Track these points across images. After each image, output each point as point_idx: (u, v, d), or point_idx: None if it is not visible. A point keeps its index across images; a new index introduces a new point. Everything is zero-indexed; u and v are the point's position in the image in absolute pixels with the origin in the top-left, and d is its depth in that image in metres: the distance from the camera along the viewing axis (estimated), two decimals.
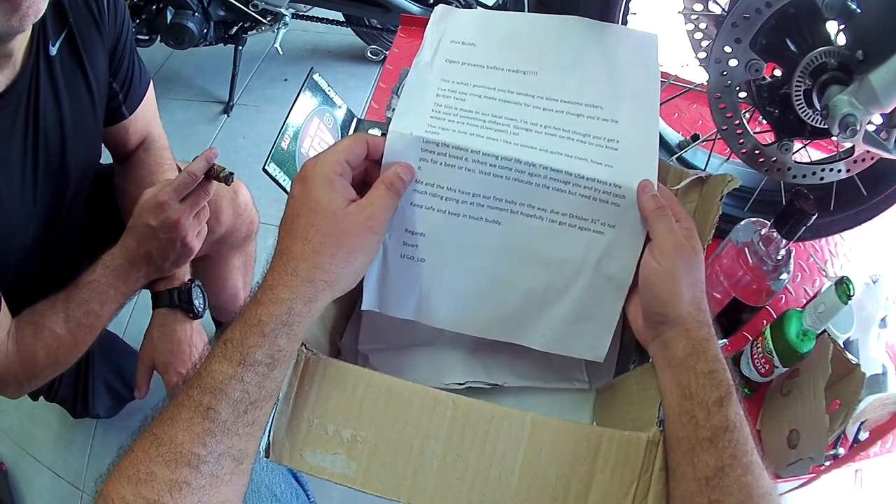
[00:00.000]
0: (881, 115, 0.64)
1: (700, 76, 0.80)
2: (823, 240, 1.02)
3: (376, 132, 0.91)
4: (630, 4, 0.74)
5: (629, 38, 0.66)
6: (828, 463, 0.79)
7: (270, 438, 0.54)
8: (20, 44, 0.74)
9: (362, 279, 0.58)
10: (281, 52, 2.16)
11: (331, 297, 0.52)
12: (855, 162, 0.77)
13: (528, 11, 0.75)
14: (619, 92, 0.61)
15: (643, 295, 0.57)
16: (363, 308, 0.62)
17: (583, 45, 0.64)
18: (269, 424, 0.54)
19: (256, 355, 0.47)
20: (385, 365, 0.62)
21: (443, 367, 0.63)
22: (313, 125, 0.86)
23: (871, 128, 0.65)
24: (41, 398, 1.17)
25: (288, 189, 0.76)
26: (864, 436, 0.83)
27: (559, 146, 0.57)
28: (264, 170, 0.76)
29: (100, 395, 1.24)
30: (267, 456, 0.54)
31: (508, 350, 0.64)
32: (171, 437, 0.46)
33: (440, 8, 0.67)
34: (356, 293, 0.60)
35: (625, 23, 0.77)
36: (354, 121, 0.93)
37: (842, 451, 0.81)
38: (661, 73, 0.65)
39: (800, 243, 0.98)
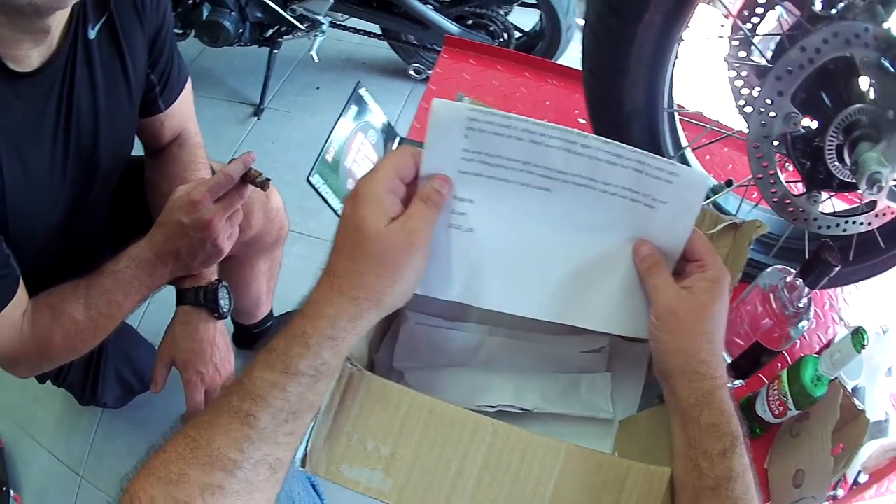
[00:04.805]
0: None
1: (736, 122, 0.83)
2: (839, 289, 1.04)
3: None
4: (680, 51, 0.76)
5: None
6: (828, 503, 0.81)
7: (308, 449, 0.54)
8: (58, 22, 0.73)
9: None
10: (317, 60, 2.12)
11: (377, 315, 0.51)
12: (876, 216, 0.79)
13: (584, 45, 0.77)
14: None
15: (651, 346, 0.58)
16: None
17: None
18: (308, 435, 0.55)
19: (300, 366, 0.47)
20: (419, 383, 0.63)
21: (476, 390, 0.65)
22: (357, 140, 0.87)
23: (894, 184, 0.67)
24: (48, 382, 1.15)
25: (329, 201, 0.78)
26: (863, 478, 0.86)
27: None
28: (308, 181, 0.77)
29: (110, 384, 1.23)
30: (303, 466, 0.55)
31: (540, 377, 0.66)
32: (207, 440, 0.46)
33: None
34: None
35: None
36: (397, 139, 0.94)
37: (841, 492, 0.83)
38: (702, 117, 0.66)
39: (816, 291, 1.00)
